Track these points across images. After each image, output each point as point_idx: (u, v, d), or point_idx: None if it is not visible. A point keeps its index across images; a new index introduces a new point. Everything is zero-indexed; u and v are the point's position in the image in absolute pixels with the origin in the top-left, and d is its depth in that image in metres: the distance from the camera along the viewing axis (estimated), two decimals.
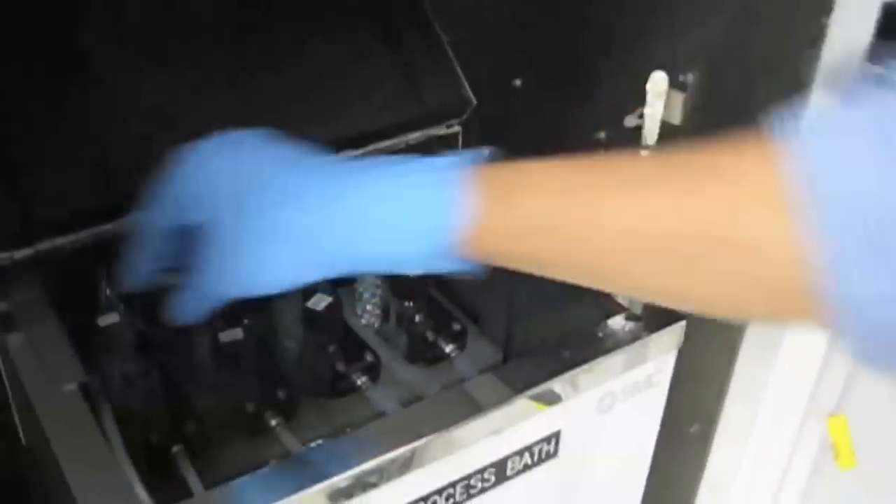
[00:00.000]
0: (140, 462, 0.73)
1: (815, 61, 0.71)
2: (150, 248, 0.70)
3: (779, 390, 0.86)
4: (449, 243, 0.56)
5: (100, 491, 0.65)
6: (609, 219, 0.52)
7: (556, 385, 0.77)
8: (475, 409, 0.74)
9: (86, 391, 0.73)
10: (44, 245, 0.83)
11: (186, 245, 0.67)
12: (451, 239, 0.56)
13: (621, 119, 0.87)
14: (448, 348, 0.91)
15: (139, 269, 0.72)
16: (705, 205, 0.49)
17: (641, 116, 0.81)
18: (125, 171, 0.86)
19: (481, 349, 0.95)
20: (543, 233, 0.54)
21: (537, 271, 0.58)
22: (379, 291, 0.95)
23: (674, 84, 0.81)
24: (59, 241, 0.84)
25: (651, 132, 0.81)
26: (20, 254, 0.82)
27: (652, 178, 0.52)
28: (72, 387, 0.73)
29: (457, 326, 0.92)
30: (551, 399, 0.77)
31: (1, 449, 0.92)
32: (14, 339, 0.78)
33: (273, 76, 0.95)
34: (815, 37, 0.70)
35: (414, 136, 1.01)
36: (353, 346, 0.89)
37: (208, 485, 0.75)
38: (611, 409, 0.82)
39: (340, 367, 0.86)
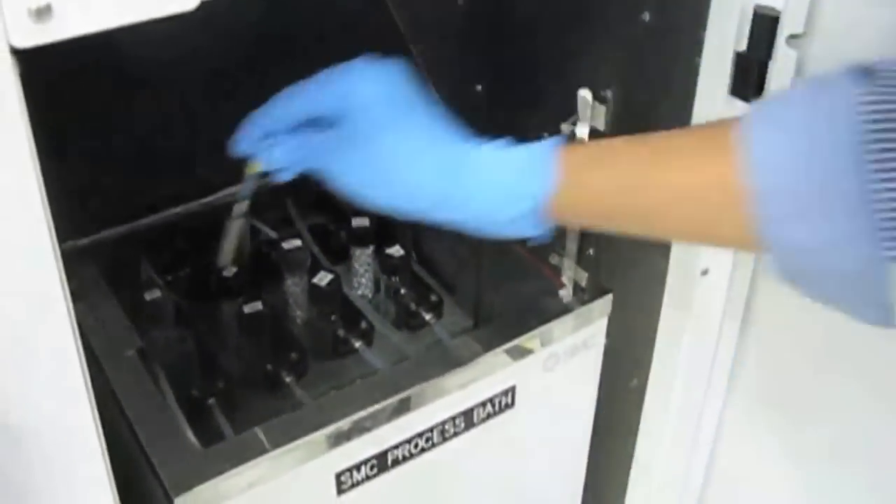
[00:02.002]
0: (185, 409, 0.87)
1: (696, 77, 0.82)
2: (269, 121, 0.74)
3: (691, 348, 0.98)
4: (539, 206, 0.67)
5: (160, 435, 0.80)
6: (657, 179, 0.63)
7: (512, 347, 0.91)
8: (449, 366, 0.87)
9: (142, 355, 0.88)
10: (99, 235, 0.98)
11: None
12: (542, 203, 0.67)
13: (559, 123, 0.94)
14: (428, 316, 1.07)
15: (251, 133, 0.75)
16: (709, 172, 0.61)
17: (575, 123, 0.91)
18: (164, 176, 1.01)
19: (455, 317, 1.10)
20: (612, 193, 0.66)
21: (604, 225, 0.70)
22: (371, 268, 1.10)
23: (597, 97, 0.89)
24: (112, 231, 0.99)
25: (583, 137, 0.91)
26: (81, 242, 0.97)
27: (680, 149, 0.63)
28: (131, 352, 0.87)
29: (434, 298, 1.08)
30: (509, 358, 0.91)
31: None
32: (78, 310, 0.93)
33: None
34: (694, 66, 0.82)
35: None
36: (352, 315, 1.03)
37: (237, 429, 0.90)
38: (555, 368, 0.96)
39: (341, 332, 1.01)
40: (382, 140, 0.69)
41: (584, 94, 0.88)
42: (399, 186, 0.69)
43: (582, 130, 0.90)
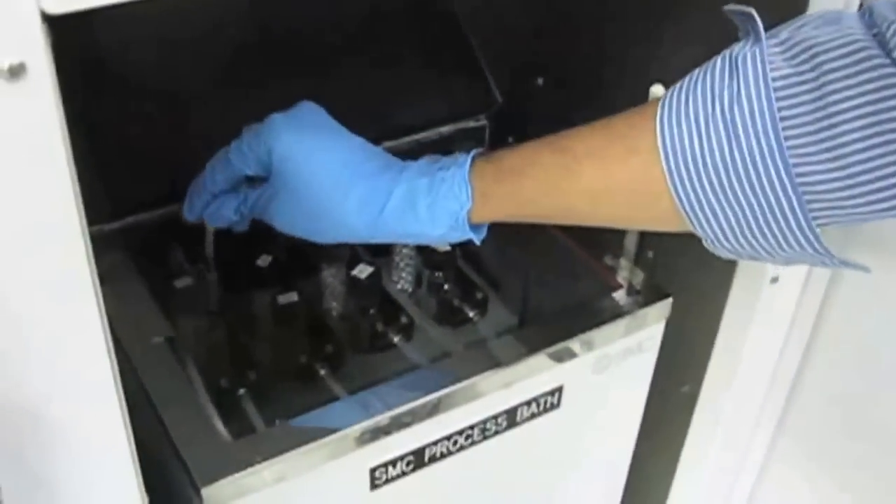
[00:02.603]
0: (215, 400, 0.84)
1: None
2: (213, 185, 0.83)
3: (751, 356, 0.96)
4: (462, 220, 0.73)
5: (189, 425, 0.77)
6: (569, 184, 0.69)
7: (561, 347, 0.87)
8: (492, 364, 0.84)
9: (171, 343, 0.85)
10: (129, 220, 0.95)
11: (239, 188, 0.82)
12: (464, 217, 0.73)
13: None
14: (471, 313, 1.03)
15: (200, 198, 0.84)
16: (624, 171, 0.66)
17: None
18: (191, 163, 0.97)
19: (500, 314, 1.06)
20: (525, 201, 0.72)
21: (542, 221, 0.75)
22: (413, 262, 1.06)
23: None
24: (141, 216, 0.95)
25: None
26: (109, 227, 0.94)
27: (590, 151, 0.68)
28: (159, 339, 0.84)
29: (479, 294, 1.04)
30: (556, 359, 0.88)
31: None
32: (107, 296, 0.90)
33: (324, 76, 1.04)
34: None
35: (445, 129, 1.10)
36: (391, 309, 1.00)
37: (268, 421, 0.87)
38: (606, 370, 0.93)
39: (379, 326, 0.98)
40: (305, 186, 0.76)
41: (657, 90, 0.84)
42: (330, 224, 0.76)
43: None
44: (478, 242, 0.77)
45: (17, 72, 0.45)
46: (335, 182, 0.75)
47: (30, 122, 0.47)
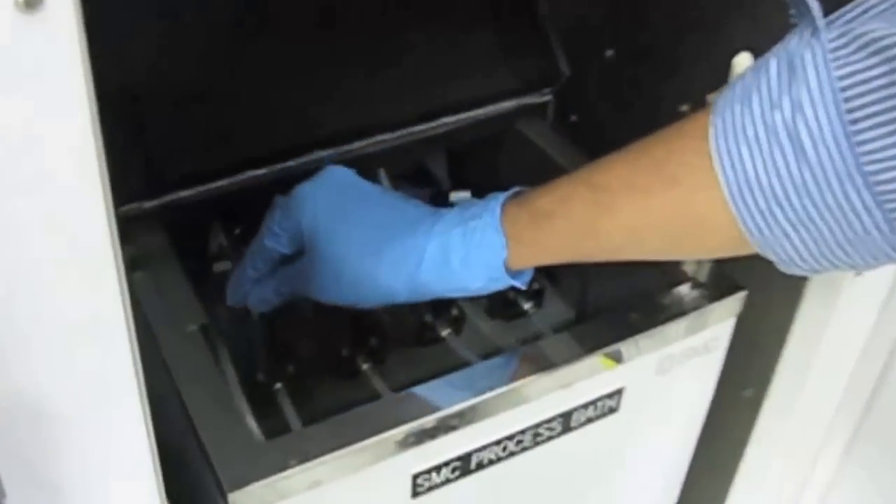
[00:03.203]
0: (248, 395, 0.80)
1: None
2: (254, 272, 0.83)
3: (827, 361, 0.90)
4: (500, 271, 0.72)
5: (218, 422, 0.72)
6: (608, 223, 0.65)
7: (622, 346, 0.82)
8: (547, 364, 0.79)
9: (205, 331, 0.80)
10: (168, 198, 0.90)
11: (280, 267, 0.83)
12: (502, 266, 0.72)
13: (704, 94, 0.89)
14: (526, 306, 0.97)
15: (242, 287, 0.84)
16: (667, 202, 0.61)
17: None
18: (241, 134, 0.93)
19: (556, 308, 1.00)
20: (562, 244, 0.69)
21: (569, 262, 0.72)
22: None
23: None
24: (182, 194, 0.91)
25: None
26: (147, 205, 0.89)
27: (627, 183, 0.64)
28: (193, 328, 0.80)
29: (535, 286, 0.98)
30: (616, 359, 0.82)
31: None
32: (140, 279, 0.85)
33: (377, 45, 0.99)
34: None
35: (507, 105, 1.04)
36: (441, 301, 0.92)
37: (305, 420, 0.82)
38: (669, 371, 0.87)
39: (428, 318, 0.93)
40: (339, 257, 0.75)
41: (743, 59, 0.77)
42: (370, 290, 0.76)
43: None
44: (522, 287, 0.75)
45: (32, 2, 0.39)
46: (367, 248, 0.75)
47: (47, 61, 0.41)
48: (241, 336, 0.87)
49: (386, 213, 0.77)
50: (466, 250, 0.72)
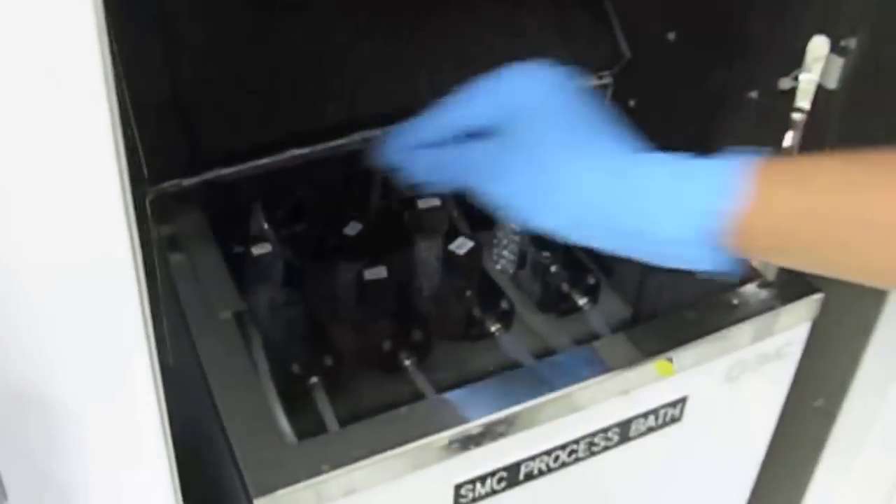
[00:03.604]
0: (281, 390, 0.76)
1: None
2: (420, 132, 0.71)
3: None
4: (715, 229, 0.56)
5: (248, 419, 0.68)
6: (880, 215, 0.53)
7: (687, 351, 0.77)
8: (604, 368, 0.74)
9: (239, 319, 0.76)
10: (208, 175, 0.86)
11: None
12: (719, 225, 0.56)
13: (775, 80, 0.84)
14: (581, 301, 0.91)
15: (395, 147, 0.72)
16: None
17: (796, 79, 0.77)
18: (287, 111, 0.88)
19: (613, 305, 0.94)
20: (813, 225, 0.55)
21: (793, 263, 0.60)
22: (516, 238, 0.95)
23: (834, 49, 0.77)
24: (223, 172, 0.86)
25: (805, 96, 0.77)
26: (187, 182, 0.85)
27: None
28: (227, 314, 0.76)
29: (592, 280, 0.92)
30: (681, 364, 0.77)
31: None
32: (176, 260, 0.81)
33: (430, 23, 0.94)
34: None
35: None
36: (490, 293, 0.89)
37: (341, 419, 0.77)
38: (738, 379, 0.82)
39: (476, 312, 0.87)
40: (546, 152, 0.63)
41: (819, 42, 0.71)
42: (564, 203, 0.62)
43: (806, 89, 0.75)
44: (730, 271, 0.60)
45: None
46: (583, 153, 0.62)
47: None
48: (277, 324, 0.82)
49: (605, 129, 0.65)
50: (680, 185, 0.59)
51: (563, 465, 0.76)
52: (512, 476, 0.74)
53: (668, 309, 0.88)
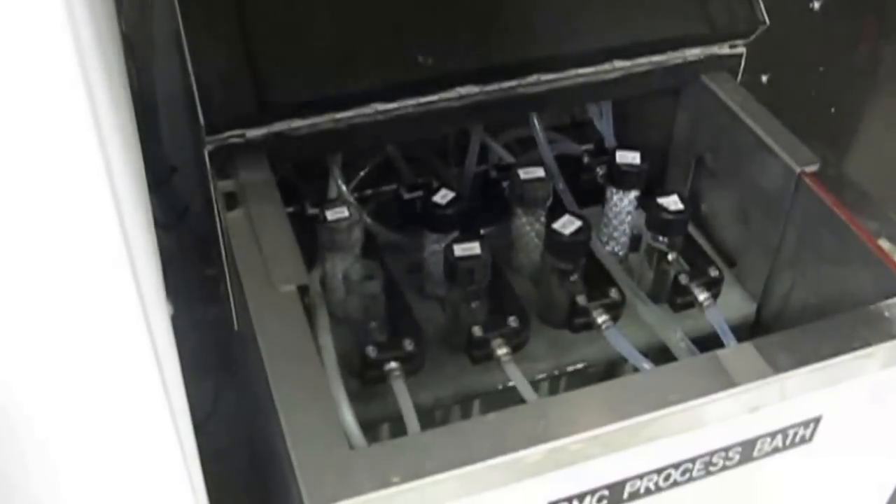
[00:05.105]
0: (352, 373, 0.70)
1: None
2: None
3: None
4: None
5: (309, 415, 0.60)
6: None
7: (825, 367, 0.67)
8: (728, 379, 0.66)
9: (304, 293, 0.69)
10: (277, 127, 0.78)
11: None
12: None
13: None
14: (701, 296, 0.83)
15: None
16: None
17: None
18: (368, 60, 0.82)
19: (735, 301, 0.89)
20: None
21: None
22: (629, 219, 0.89)
23: None
24: (295, 124, 0.79)
25: None
26: (252, 133, 0.78)
27: None
28: (290, 288, 0.68)
29: (714, 272, 0.84)
30: (816, 382, 0.68)
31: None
32: (235, 222, 0.74)
33: None
34: None
35: (693, 53, 0.90)
36: (598, 280, 0.83)
37: (421, 412, 0.70)
38: (883, 400, 0.73)
39: (581, 300, 0.80)
40: None
41: None
42: None
43: None
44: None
45: None
46: None
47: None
48: (350, 301, 0.76)
49: None
50: None
51: (675, 484, 0.68)
52: (615, 496, 0.66)
53: (797, 311, 0.83)
